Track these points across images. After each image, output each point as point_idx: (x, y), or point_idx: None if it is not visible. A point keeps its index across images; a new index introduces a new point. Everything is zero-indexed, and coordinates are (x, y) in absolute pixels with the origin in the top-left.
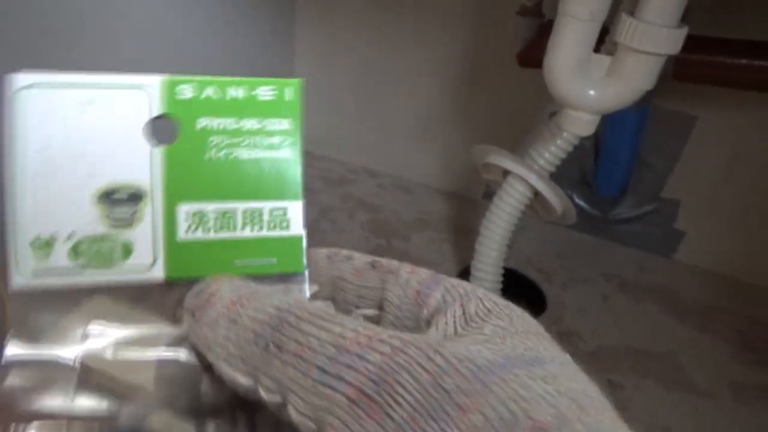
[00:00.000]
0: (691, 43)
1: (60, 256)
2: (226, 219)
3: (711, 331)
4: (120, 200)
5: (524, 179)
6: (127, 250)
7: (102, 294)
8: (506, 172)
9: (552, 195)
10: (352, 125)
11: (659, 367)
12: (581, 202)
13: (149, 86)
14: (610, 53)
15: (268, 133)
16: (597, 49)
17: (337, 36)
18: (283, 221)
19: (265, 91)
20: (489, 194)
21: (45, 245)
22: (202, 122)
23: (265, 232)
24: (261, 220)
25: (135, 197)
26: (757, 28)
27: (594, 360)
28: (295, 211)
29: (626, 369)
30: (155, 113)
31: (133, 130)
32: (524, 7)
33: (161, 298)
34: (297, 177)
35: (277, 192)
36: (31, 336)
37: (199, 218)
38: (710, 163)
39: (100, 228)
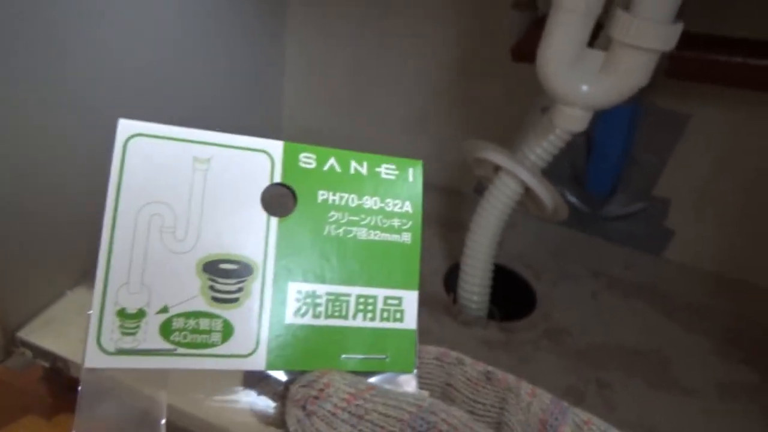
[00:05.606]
0: (685, 40)
1: (150, 332)
2: (338, 304)
3: (699, 330)
4: (227, 271)
5: (515, 175)
6: (228, 332)
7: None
8: (497, 168)
9: (543, 191)
10: (343, 118)
11: (647, 366)
12: (572, 199)
13: (272, 151)
14: (604, 48)
15: (389, 214)
16: (591, 44)
17: (328, 27)
18: (397, 312)
19: (387, 169)
20: (480, 189)
21: (134, 317)
22: (323, 195)
23: (377, 323)
24: (374, 309)
25: (243, 270)
26: (752, 26)
27: (582, 358)
28: (410, 302)
29: (614, 367)
30: (276, 180)
31: (250, 197)
32: (518, 1)
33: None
34: (415, 264)
35: (394, 279)
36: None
37: (311, 300)
38: (702, 162)
39: (199, 302)
